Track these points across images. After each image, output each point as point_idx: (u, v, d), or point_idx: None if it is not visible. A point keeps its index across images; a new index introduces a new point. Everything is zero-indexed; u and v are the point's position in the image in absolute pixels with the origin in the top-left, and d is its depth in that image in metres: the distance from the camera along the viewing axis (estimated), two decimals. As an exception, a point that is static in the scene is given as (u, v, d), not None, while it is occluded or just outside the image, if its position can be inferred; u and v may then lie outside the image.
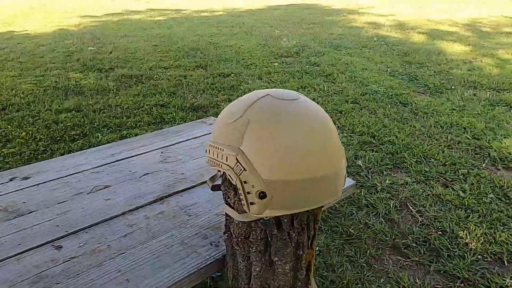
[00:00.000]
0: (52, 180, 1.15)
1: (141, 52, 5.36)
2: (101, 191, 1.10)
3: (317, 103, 3.73)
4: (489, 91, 3.84)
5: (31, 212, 0.99)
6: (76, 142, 2.90)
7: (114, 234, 0.93)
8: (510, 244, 1.92)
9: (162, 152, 1.33)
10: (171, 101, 3.70)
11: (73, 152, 2.81)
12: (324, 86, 4.01)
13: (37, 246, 0.88)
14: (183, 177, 1.18)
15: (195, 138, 1.45)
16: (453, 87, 3.98)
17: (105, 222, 0.97)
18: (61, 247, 0.88)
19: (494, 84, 3.99)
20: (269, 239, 0.71)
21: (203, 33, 6.39)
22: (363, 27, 6.82)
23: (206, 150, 0.74)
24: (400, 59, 4.87)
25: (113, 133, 3.08)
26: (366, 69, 4.53)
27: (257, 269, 0.73)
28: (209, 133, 1.49)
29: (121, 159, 1.27)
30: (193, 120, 3.36)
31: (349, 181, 1.23)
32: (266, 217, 0.67)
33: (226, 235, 0.79)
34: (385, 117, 3.31)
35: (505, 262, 1.85)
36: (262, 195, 0.64)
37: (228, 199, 0.75)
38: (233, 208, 0.73)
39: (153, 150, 1.35)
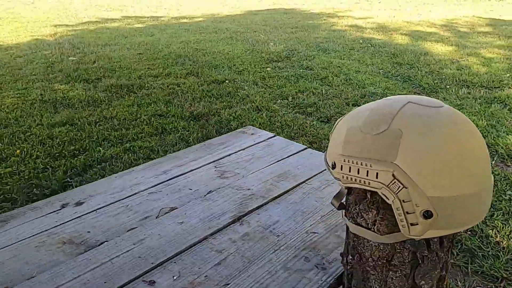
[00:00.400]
0: (109, 204, 1.04)
1: (126, 60, 5.18)
2: (169, 213, 1.00)
3: (318, 107, 3.72)
4: (482, 89, 3.94)
5: (102, 243, 0.89)
6: (77, 158, 2.73)
7: (206, 263, 0.83)
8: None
9: (215, 167, 1.24)
10: (169, 110, 3.57)
11: (76, 168, 2.66)
12: (322, 90, 3.99)
13: (127, 283, 0.77)
14: (250, 193, 1.10)
15: (243, 149, 1.37)
16: (447, 86, 4.06)
17: (189, 249, 0.87)
18: (154, 282, 0.78)
19: (485, 82, 4.10)
20: (420, 262, 0.64)
21: (187, 39, 6.27)
22: (346, 30, 6.89)
23: (333, 165, 0.67)
24: (390, 61, 4.93)
25: (115, 146, 2.93)
26: (359, 71, 4.56)
27: (399, 294, 0.66)
28: (255, 144, 1.41)
29: (175, 177, 1.18)
30: (195, 129, 3.26)
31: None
32: (417, 238, 0.61)
33: (349, 258, 0.72)
34: (389, 119, 3.32)
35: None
36: (427, 215, 0.58)
37: (361, 219, 0.67)
38: (368, 228, 0.66)
39: (205, 165, 1.25)
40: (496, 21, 7.67)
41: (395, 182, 0.59)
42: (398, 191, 0.59)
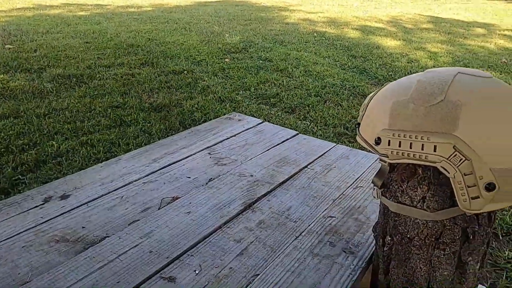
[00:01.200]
0: (101, 196, 0.92)
1: (72, 50, 4.82)
2: (172, 204, 0.91)
3: (281, 97, 3.71)
4: (432, 81, 4.15)
5: (104, 238, 0.78)
6: (28, 153, 2.48)
7: (226, 254, 0.76)
8: (502, 220, 2.07)
9: (209, 154, 1.16)
10: (126, 101, 3.37)
11: (27, 164, 2.41)
12: (283, 81, 3.99)
13: (144, 281, 0.68)
14: (254, 179, 1.03)
15: (234, 136, 1.30)
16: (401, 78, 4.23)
17: (205, 240, 0.79)
18: (174, 278, 0.69)
19: (434, 75, 4.33)
20: (470, 237, 0.62)
21: (137, 29, 5.98)
22: (299, 23, 6.97)
23: (377, 142, 0.63)
24: (345, 53, 5.05)
25: (70, 139, 2.70)
26: (317, 63, 4.62)
27: (445, 273, 0.64)
28: (245, 130, 1.34)
29: (168, 165, 1.08)
30: (156, 120, 3.10)
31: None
32: (473, 212, 0.59)
33: (388, 239, 0.68)
34: (351, 109, 3.38)
35: (500, 236, 1.99)
36: (490, 187, 0.56)
37: (405, 197, 0.64)
38: (413, 206, 0.63)
39: (198, 152, 1.17)
40: (435, 18, 8.17)
41: (456, 154, 0.56)
42: (460, 164, 0.56)
